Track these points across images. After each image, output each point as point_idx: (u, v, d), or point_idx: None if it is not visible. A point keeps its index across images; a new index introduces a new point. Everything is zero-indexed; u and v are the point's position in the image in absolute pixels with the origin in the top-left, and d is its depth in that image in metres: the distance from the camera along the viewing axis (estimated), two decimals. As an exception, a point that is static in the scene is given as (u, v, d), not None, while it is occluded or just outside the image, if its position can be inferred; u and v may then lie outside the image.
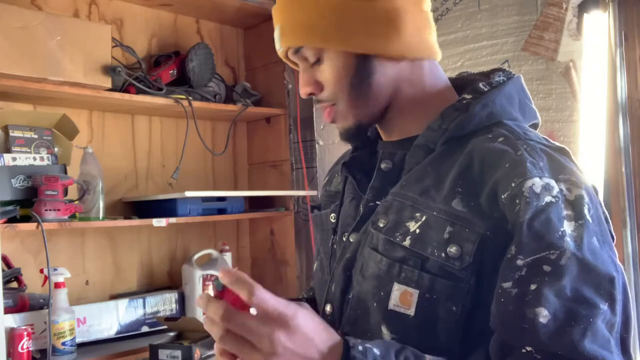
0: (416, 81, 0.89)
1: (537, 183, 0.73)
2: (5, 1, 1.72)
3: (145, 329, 2.01)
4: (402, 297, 0.79)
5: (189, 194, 2.02)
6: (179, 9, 2.31)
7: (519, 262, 0.71)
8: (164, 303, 2.09)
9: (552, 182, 0.74)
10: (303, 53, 0.88)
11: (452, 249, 0.76)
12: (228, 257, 2.30)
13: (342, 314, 0.88)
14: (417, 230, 0.79)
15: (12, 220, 1.68)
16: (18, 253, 1.89)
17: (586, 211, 0.74)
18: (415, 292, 0.78)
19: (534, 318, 0.69)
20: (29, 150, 1.85)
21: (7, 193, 1.70)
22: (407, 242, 0.80)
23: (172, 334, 1.92)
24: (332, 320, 0.89)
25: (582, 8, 1.65)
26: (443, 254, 0.76)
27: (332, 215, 0.98)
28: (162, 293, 2.11)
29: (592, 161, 1.64)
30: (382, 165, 0.90)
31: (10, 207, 1.67)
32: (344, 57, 0.86)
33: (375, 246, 0.84)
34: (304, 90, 0.91)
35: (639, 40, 1.59)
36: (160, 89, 2.06)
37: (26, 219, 1.72)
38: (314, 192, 2.29)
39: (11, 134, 1.83)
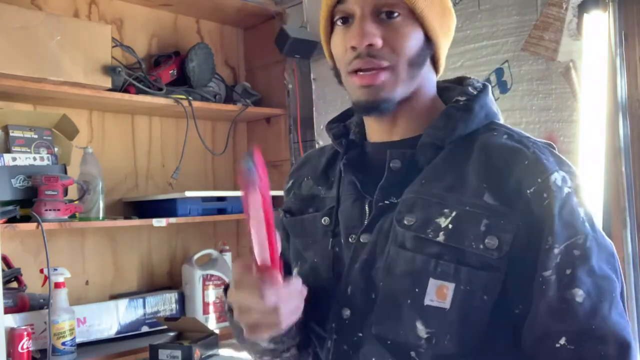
0: (428, 87, 0.93)
1: (557, 177, 0.81)
2: (5, 1, 1.72)
3: (145, 329, 2.02)
4: (438, 292, 0.81)
5: (189, 194, 2.02)
6: (179, 9, 2.31)
7: (556, 251, 0.78)
8: (164, 303, 2.09)
9: (565, 175, 0.82)
10: (388, 1, 0.85)
11: (490, 240, 0.79)
12: (228, 257, 2.30)
13: (366, 316, 0.86)
14: (450, 226, 0.82)
15: (12, 220, 1.68)
16: (18, 253, 1.89)
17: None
18: (451, 286, 0.80)
19: (572, 299, 0.76)
20: (29, 150, 1.85)
21: (7, 193, 1.70)
22: (441, 238, 0.81)
23: (172, 334, 1.92)
24: (353, 323, 0.87)
25: (582, 8, 1.65)
26: (481, 246, 0.80)
27: (325, 218, 0.95)
28: (162, 293, 2.12)
29: (592, 161, 1.64)
30: (392, 165, 0.90)
31: (10, 207, 1.67)
32: (417, 29, 0.87)
33: (402, 244, 0.84)
34: (365, 39, 0.84)
35: (639, 40, 1.59)
36: (160, 89, 2.06)
37: (26, 219, 1.72)
38: (314, 192, 2.28)
39: (11, 134, 1.83)
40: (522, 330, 0.79)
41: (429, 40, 0.89)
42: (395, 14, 0.85)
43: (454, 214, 0.82)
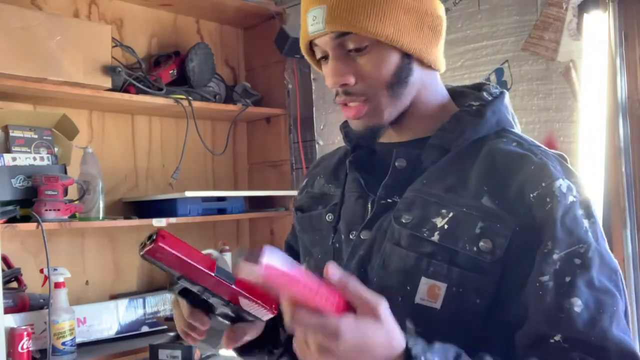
0: (430, 88, 0.93)
1: (563, 184, 0.80)
2: (5, 1, 1.72)
3: (145, 329, 2.01)
4: (430, 291, 0.81)
5: (189, 194, 2.02)
6: (179, 9, 2.31)
7: (555, 257, 0.77)
8: (164, 303, 2.09)
9: (571, 184, 0.81)
10: (347, 40, 0.84)
11: (484, 244, 0.79)
12: (228, 257, 2.30)
13: None
14: (446, 226, 0.82)
15: (12, 220, 1.68)
16: (18, 253, 1.89)
17: (594, 211, 0.82)
18: (443, 286, 0.80)
19: (570, 308, 0.74)
20: (29, 150, 1.85)
21: (7, 193, 1.70)
22: (435, 237, 0.82)
23: (172, 334, 1.92)
24: None
25: (582, 8, 1.65)
26: (475, 248, 0.79)
27: (329, 215, 0.97)
28: (162, 293, 2.11)
29: (592, 161, 1.64)
30: (397, 164, 0.90)
31: (10, 207, 1.67)
32: (390, 52, 0.85)
33: (397, 242, 0.85)
34: (336, 80, 0.86)
35: (639, 40, 1.59)
36: (160, 89, 2.06)
37: (26, 219, 1.72)
38: (314, 192, 2.29)
39: (11, 134, 1.83)
40: (516, 335, 0.78)
41: (408, 54, 0.87)
42: (362, 49, 0.85)
43: (450, 214, 0.82)
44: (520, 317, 0.78)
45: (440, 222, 0.82)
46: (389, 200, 0.89)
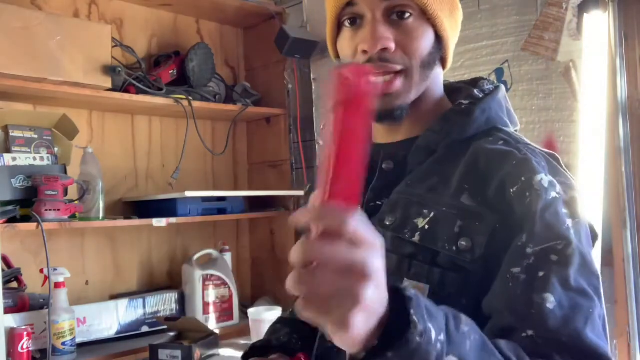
0: (435, 84, 0.92)
1: (544, 179, 0.77)
2: (5, 1, 1.72)
3: (145, 329, 2.01)
4: None
5: (189, 194, 2.02)
6: (179, 9, 2.31)
7: (529, 250, 0.73)
8: (164, 303, 2.09)
9: (554, 180, 0.78)
10: (395, 2, 0.83)
11: (463, 242, 0.77)
12: (228, 257, 2.30)
13: None
14: (426, 226, 0.80)
15: (12, 220, 1.68)
16: (18, 253, 1.89)
17: (580, 212, 0.78)
18: (426, 287, 0.78)
19: (542, 303, 0.70)
20: (29, 150, 1.85)
21: (7, 193, 1.70)
22: (416, 238, 0.80)
23: (172, 334, 1.92)
24: None
25: (582, 8, 1.65)
26: (454, 248, 0.77)
27: None
28: (162, 293, 2.11)
29: (592, 161, 1.64)
30: (384, 166, 0.90)
31: (10, 207, 1.67)
32: (429, 28, 0.85)
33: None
34: (375, 42, 0.82)
35: (639, 40, 1.59)
36: (160, 89, 2.06)
37: (26, 219, 1.72)
38: (314, 192, 2.28)
39: (11, 134, 1.83)
40: (484, 330, 0.69)
41: (438, 39, 0.87)
42: (407, 15, 0.83)
43: (431, 214, 0.80)
44: (490, 311, 0.74)
45: (421, 222, 0.81)
46: (377, 202, 0.88)
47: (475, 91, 0.91)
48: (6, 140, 1.83)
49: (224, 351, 1.94)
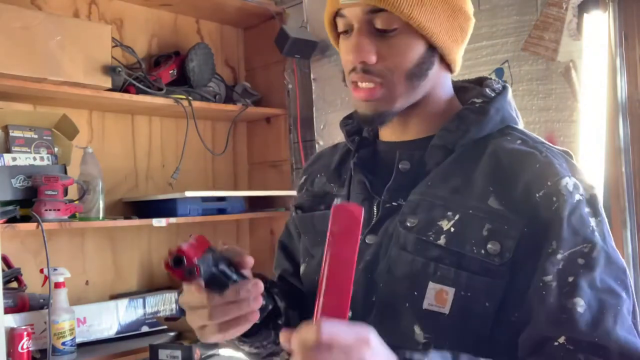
0: (442, 88, 0.91)
1: (569, 182, 0.79)
2: (5, 1, 1.72)
3: (145, 329, 2.01)
4: (438, 296, 0.79)
5: (189, 194, 2.02)
6: (179, 9, 2.31)
7: (559, 256, 0.76)
8: (164, 303, 2.09)
9: (577, 182, 0.80)
10: (377, 17, 0.82)
11: (492, 246, 0.77)
12: (228, 257, 2.30)
13: (365, 318, 0.84)
14: (452, 229, 0.80)
15: (12, 220, 1.68)
16: (18, 253, 1.88)
17: (601, 209, 0.81)
18: (451, 291, 0.78)
19: (572, 308, 0.73)
20: (29, 150, 1.85)
21: (7, 193, 1.70)
22: (442, 241, 0.80)
23: (172, 334, 1.92)
24: None
25: (582, 8, 1.65)
26: (482, 251, 0.78)
27: None
28: (162, 293, 2.11)
29: (592, 161, 1.64)
30: (400, 166, 0.89)
31: (10, 207, 1.67)
32: (417, 40, 0.84)
33: (403, 246, 0.83)
34: (357, 56, 0.83)
35: (639, 40, 1.59)
36: (160, 89, 2.06)
37: (26, 219, 1.72)
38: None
39: (11, 134, 1.83)
40: (520, 337, 0.76)
41: (434, 46, 0.85)
42: (390, 31, 0.82)
43: (456, 217, 0.80)
44: (525, 319, 0.76)
45: (446, 225, 0.80)
46: (394, 203, 0.87)
47: (487, 90, 0.90)
48: (6, 140, 1.84)
49: (223, 351, 1.94)
